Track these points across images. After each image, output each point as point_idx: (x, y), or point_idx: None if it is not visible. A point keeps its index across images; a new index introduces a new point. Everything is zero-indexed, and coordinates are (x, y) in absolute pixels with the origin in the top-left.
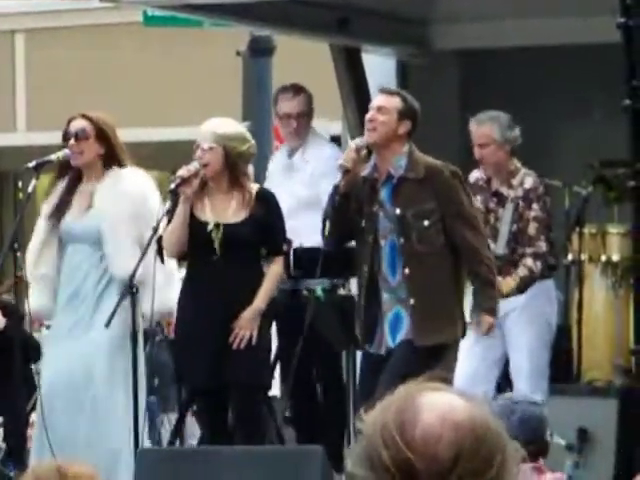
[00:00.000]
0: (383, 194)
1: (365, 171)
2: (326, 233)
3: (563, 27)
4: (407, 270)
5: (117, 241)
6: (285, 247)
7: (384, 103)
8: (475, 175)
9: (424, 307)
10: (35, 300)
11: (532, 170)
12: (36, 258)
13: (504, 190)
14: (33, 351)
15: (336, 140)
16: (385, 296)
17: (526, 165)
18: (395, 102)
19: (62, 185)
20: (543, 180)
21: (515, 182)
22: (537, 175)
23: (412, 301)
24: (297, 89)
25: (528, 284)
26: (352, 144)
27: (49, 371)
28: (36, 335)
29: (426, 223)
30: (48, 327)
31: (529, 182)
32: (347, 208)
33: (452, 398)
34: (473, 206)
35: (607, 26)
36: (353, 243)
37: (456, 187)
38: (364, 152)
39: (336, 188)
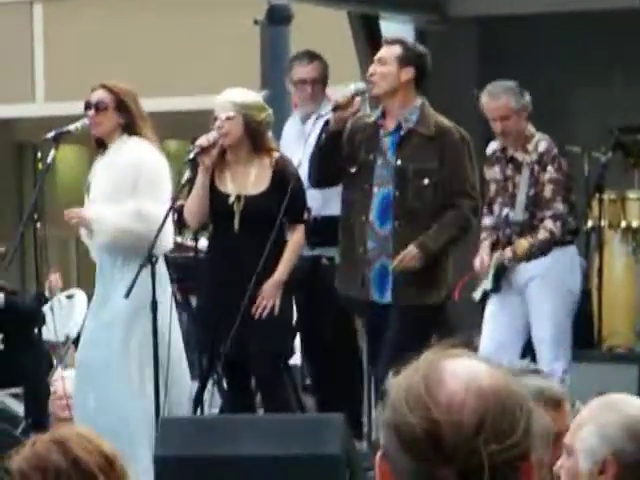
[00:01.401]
0: (387, 143)
1: (371, 117)
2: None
3: None
4: (397, 224)
5: (99, 209)
6: (305, 215)
7: (383, 54)
8: (492, 147)
9: None
10: None
11: (551, 137)
12: None
13: (519, 155)
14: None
15: None
16: (371, 244)
17: (545, 132)
18: (394, 50)
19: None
20: (560, 147)
21: (530, 147)
22: (554, 142)
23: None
24: (312, 56)
25: (549, 246)
26: (352, 86)
27: (80, 345)
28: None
29: (426, 181)
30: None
31: (543, 145)
32: (334, 149)
33: (476, 365)
34: (474, 173)
35: None
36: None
37: (462, 152)
38: (359, 98)
39: (326, 124)
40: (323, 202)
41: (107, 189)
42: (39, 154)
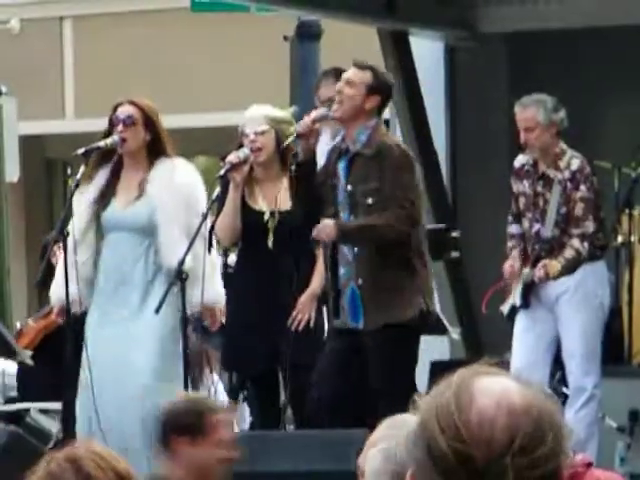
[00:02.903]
0: (340, 168)
1: (335, 142)
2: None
3: (609, 8)
4: (356, 249)
5: (170, 231)
6: None
7: (353, 77)
8: (521, 160)
9: (370, 287)
10: (70, 288)
11: (581, 152)
12: (76, 245)
13: (551, 172)
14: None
15: (384, 123)
16: (342, 270)
17: (575, 147)
18: (365, 76)
19: (104, 172)
20: (589, 163)
21: (562, 164)
22: (585, 157)
23: (360, 281)
24: (338, 73)
25: (576, 265)
26: (314, 112)
27: (99, 357)
28: None
29: (370, 201)
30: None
31: (576, 164)
32: (307, 179)
33: (506, 382)
34: (416, 190)
35: None
36: None
37: (401, 167)
38: (318, 125)
39: (294, 156)
40: None
41: (174, 216)
42: (69, 170)
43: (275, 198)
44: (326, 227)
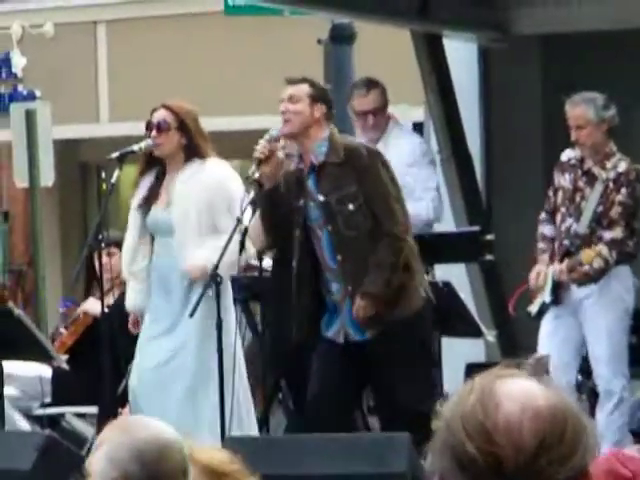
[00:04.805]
0: (310, 183)
1: (292, 165)
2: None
3: None
4: (339, 257)
5: (184, 234)
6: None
7: (293, 92)
8: (568, 154)
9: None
10: (132, 298)
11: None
12: (132, 253)
13: (596, 170)
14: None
15: (418, 126)
16: (335, 286)
17: None
18: (304, 88)
19: (149, 177)
20: (637, 167)
21: (609, 165)
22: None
23: (350, 288)
24: (370, 84)
25: (602, 274)
26: (266, 135)
27: (140, 368)
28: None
29: (351, 207)
30: None
31: (622, 166)
32: (276, 205)
33: (531, 385)
34: (394, 184)
35: None
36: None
37: (374, 166)
38: (279, 143)
39: (259, 186)
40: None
41: (189, 219)
42: (103, 174)
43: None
44: (362, 309)
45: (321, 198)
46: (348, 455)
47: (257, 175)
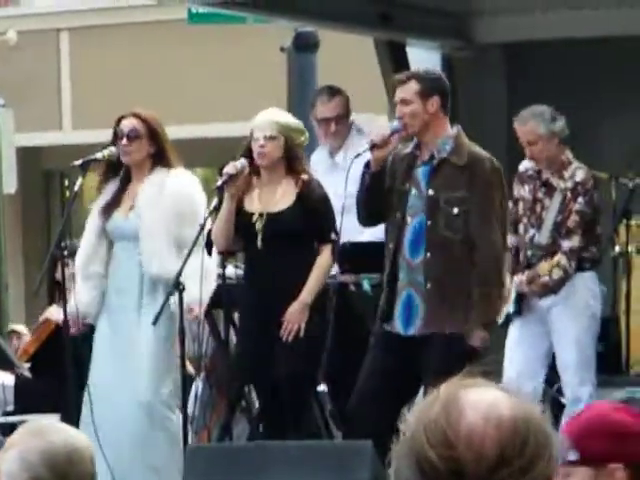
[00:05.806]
0: (420, 173)
1: (407, 149)
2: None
3: (607, 18)
4: (429, 254)
5: (151, 241)
6: (334, 236)
7: (403, 94)
8: (525, 165)
9: (439, 293)
10: (83, 299)
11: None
12: (87, 256)
13: (554, 181)
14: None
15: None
16: (401, 275)
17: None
18: (411, 87)
19: (113, 184)
20: (595, 175)
21: (567, 174)
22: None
23: (429, 285)
24: (332, 92)
25: (562, 284)
26: (389, 125)
27: (97, 371)
28: None
29: (455, 211)
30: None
31: (580, 175)
32: (378, 187)
33: (496, 395)
34: (502, 206)
35: None
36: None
37: (492, 183)
38: (396, 136)
39: (367, 166)
40: (354, 229)
41: (159, 224)
42: (67, 182)
43: (269, 200)
44: (480, 340)
45: (430, 192)
46: (311, 463)
47: (220, 183)
